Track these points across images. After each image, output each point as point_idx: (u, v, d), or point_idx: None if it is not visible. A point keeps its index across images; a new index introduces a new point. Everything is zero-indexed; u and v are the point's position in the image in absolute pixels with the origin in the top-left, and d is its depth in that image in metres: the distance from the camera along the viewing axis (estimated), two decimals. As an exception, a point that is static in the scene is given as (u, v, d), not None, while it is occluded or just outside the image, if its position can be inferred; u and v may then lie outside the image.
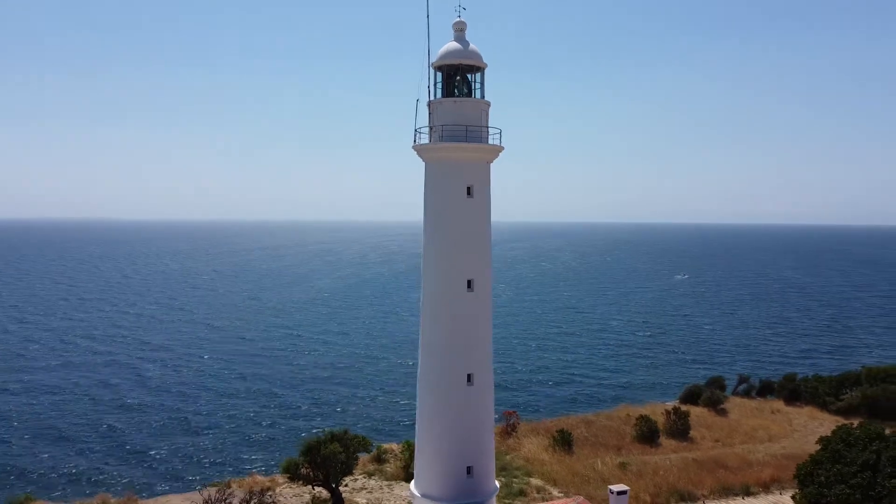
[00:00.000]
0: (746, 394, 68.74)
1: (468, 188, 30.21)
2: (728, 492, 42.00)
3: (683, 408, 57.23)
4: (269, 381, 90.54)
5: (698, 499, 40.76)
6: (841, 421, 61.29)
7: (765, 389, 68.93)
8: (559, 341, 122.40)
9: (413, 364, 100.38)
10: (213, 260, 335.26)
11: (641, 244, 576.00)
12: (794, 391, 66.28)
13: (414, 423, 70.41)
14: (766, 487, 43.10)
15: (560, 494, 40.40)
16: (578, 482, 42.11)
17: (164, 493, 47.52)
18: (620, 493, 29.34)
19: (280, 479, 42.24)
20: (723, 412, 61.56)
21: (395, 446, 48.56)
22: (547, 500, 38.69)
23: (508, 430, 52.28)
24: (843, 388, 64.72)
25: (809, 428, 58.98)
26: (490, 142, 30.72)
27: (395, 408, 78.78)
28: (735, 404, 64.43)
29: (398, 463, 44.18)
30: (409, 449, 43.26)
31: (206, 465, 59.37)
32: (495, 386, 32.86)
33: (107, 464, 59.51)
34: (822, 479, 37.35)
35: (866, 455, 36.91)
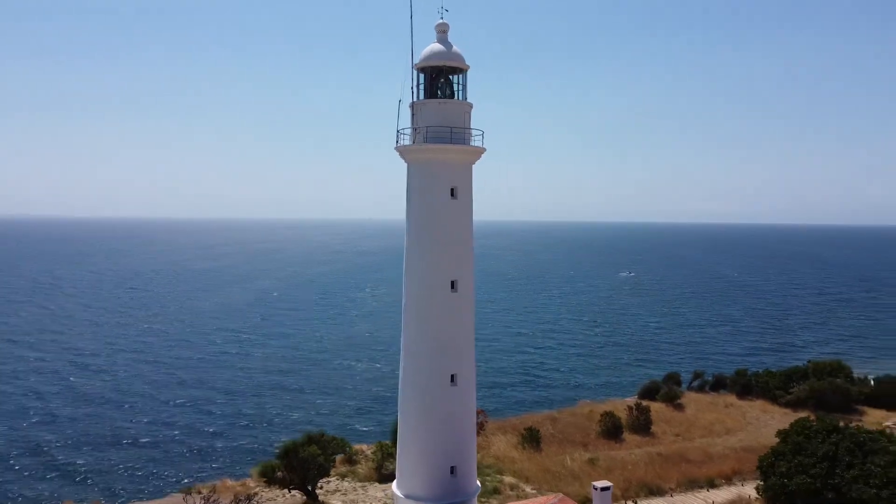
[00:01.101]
0: (701, 389, 70.91)
1: (452, 189, 30.35)
2: (693, 485, 43.33)
3: (644, 403, 58.65)
4: (213, 385, 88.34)
5: (666, 492, 41.93)
6: (791, 413, 64.06)
7: (718, 384, 71.22)
8: (512, 342, 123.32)
9: (364, 364, 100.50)
10: (152, 259, 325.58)
11: (588, 242, 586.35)
12: (745, 386, 68.74)
13: (381, 424, 70.41)
14: (729, 479, 44.62)
15: (533, 491, 40.96)
16: (550, 479, 42.78)
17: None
18: (604, 489, 29.98)
19: (251, 482, 41.59)
20: (680, 407, 63.39)
21: (364, 447, 48.33)
22: (521, 498, 39.12)
23: (476, 428, 52.52)
24: (791, 382, 67.41)
25: (762, 421, 61.30)
26: (472, 143, 30.92)
27: (355, 409, 78.37)
28: (691, 399, 66.39)
29: (370, 464, 43.99)
30: (382, 450, 43.25)
31: (154, 475, 57.44)
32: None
33: (38, 480, 56.45)
34: (784, 470, 38.94)
35: (825, 447, 38.66)
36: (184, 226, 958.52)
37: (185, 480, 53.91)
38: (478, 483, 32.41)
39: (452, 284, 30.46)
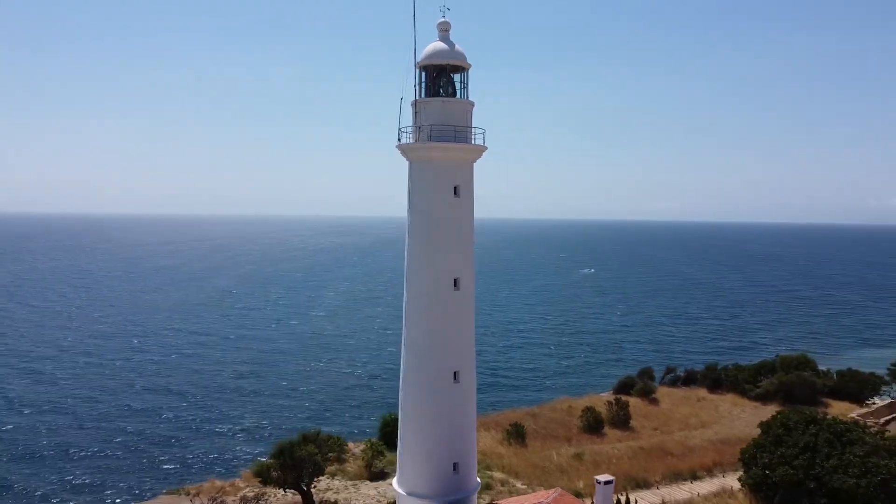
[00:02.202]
0: (673, 383, 72.52)
1: (455, 188, 30.48)
2: (677, 477, 44.38)
3: (623, 399, 59.73)
4: (174, 387, 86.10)
5: (652, 485, 42.85)
6: (760, 406, 66.09)
7: (689, 379, 72.90)
8: (478, 341, 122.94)
9: (333, 365, 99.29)
10: (105, 256, 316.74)
11: (550, 239, 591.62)
12: (716, 380, 70.53)
13: (357, 423, 69.87)
14: (710, 472, 45.83)
15: (524, 487, 41.41)
16: (540, 474, 43.32)
17: None
18: (607, 482, 30.51)
19: (240, 482, 41.17)
20: (655, 401, 64.73)
21: (351, 445, 48.17)
22: (513, 493, 39.55)
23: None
24: (760, 376, 69.47)
25: (734, 414, 63.03)
26: (474, 142, 31.09)
27: (328, 408, 77.77)
28: (665, 394, 67.85)
29: (359, 462, 43.88)
30: (373, 448, 43.16)
31: (130, 480, 56.15)
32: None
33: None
34: (766, 461, 40.17)
35: (806, 438, 40.00)
36: (136, 222, 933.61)
37: (167, 483, 52.90)
38: (478, 479, 32.70)
39: (455, 282, 30.61)
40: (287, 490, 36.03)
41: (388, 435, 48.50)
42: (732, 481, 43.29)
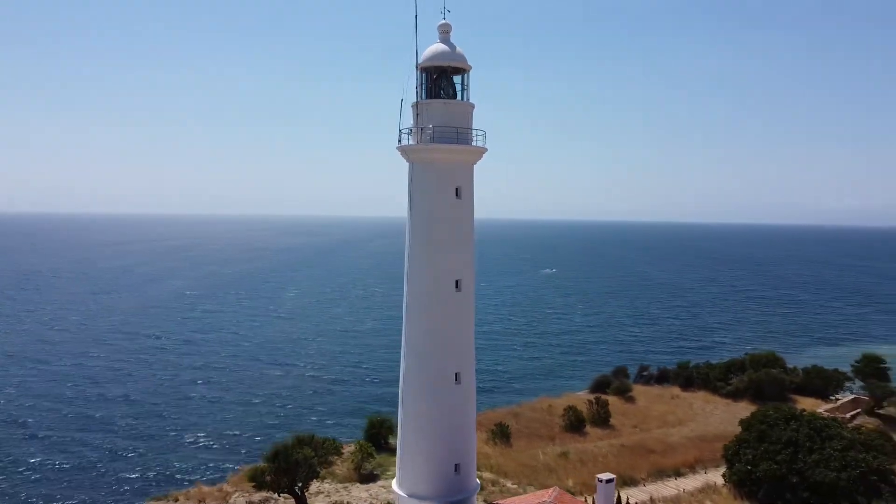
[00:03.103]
0: (647, 382, 73.76)
1: (457, 189, 30.57)
2: (662, 474, 45.23)
3: (603, 398, 60.57)
4: (136, 392, 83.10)
5: (639, 482, 43.58)
6: (731, 403, 67.69)
7: (662, 377, 74.26)
8: None
9: (300, 368, 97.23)
10: (54, 257, 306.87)
11: (508, 239, 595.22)
12: (688, 378, 72.01)
13: (328, 423, 68.72)
14: (692, 468, 46.80)
15: (514, 486, 41.70)
16: (529, 473, 43.67)
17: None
18: (608, 480, 30.95)
19: (227, 487, 40.57)
20: (631, 400, 65.78)
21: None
22: (504, 493, 39.80)
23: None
24: (730, 374, 71.16)
25: (707, 411, 64.42)
26: (474, 143, 31.21)
27: (300, 411, 76.57)
28: (639, 392, 68.99)
29: (347, 464, 43.59)
30: (362, 450, 42.95)
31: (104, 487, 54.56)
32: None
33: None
34: (750, 457, 41.28)
35: (787, 434, 41.22)
36: (87, 222, 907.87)
37: (140, 494, 51.47)
38: (477, 480, 32.83)
39: (457, 283, 30.70)
40: (281, 494, 35.59)
41: (373, 437, 48.45)
42: (715, 477, 44.33)
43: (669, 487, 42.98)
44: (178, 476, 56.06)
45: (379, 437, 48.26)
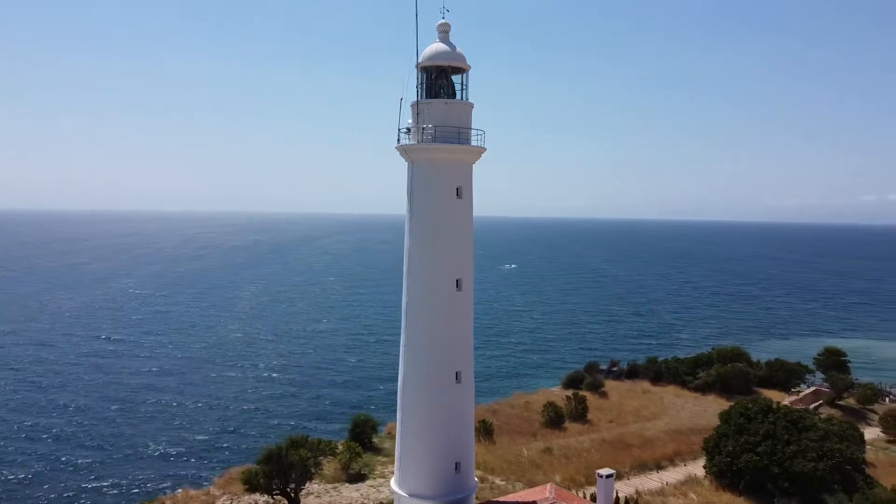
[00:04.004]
0: (617, 377, 75.02)
1: (457, 189, 30.64)
2: (644, 467, 46.17)
3: (581, 393, 61.44)
4: (86, 395, 79.40)
5: (623, 476, 44.33)
6: (700, 397, 69.46)
7: (632, 372, 75.63)
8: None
9: (253, 367, 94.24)
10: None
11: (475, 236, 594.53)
12: (658, 372, 73.54)
13: (304, 426, 67.21)
14: (672, 461, 47.88)
15: (503, 483, 42.05)
16: (516, 469, 44.08)
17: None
18: (608, 476, 31.44)
19: (214, 490, 39.91)
20: (605, 395, 66.90)
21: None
22: (494, 490, 40.11)
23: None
24: (698, 368, 72.98)
25: (678, 405, 65.94)
26: (473, 143, 31.30)
27: (270, 412, 74.93)
28: (611, 387, 70.17)
29: (335, 465, 43.28)
30: (350, 450, 42.71)
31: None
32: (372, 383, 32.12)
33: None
34: (731, 449, 42.46)
35: (766, 426, 42.55)
36: (29, 219, 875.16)
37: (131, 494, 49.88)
38: (475, 479, 33.02)
39: (458, 283, 30.79)
40: (274, 496, 35.17)
41: (358, 436, 48.22)
42: (695, 469, 45.48)
43: (653, 480, 43.92)
44: (141, 488, 53.28)
45: (363, 436, 48.05)
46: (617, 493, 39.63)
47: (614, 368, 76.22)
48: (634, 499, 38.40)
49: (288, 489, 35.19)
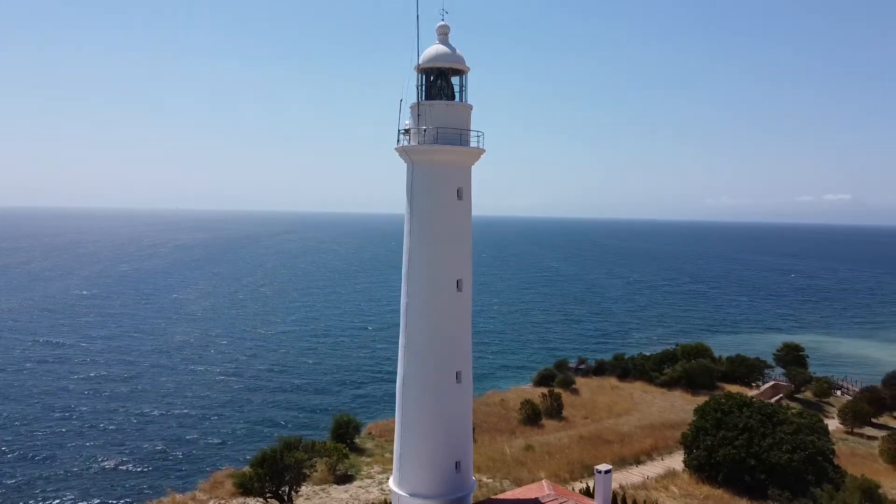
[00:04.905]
0: (585, 374, 76.43)
1: (458, 190, 30.87)
2: (624, 462, 47.23)
3: (556, 391, 62.37)
4: (29, 404, 74.18)
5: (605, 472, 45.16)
6: (667, 392, 71.31)
7: (600, 369, 77.16)
8: (364, 338, 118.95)
9: (207, 370, 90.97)
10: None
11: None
12: (625, 369, 75.21)
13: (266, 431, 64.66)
14: (650, 455, 49.10)
15: (489, 480, 42.45)
16: (501, 467, 44.52)
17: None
18: (606, 471, 32.09)
19: (200, 494, 39.21)
20: (576, 391, 68.13)
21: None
22: (482, 488, 40.46)
23: (406, 423, 53.03)
24: (664, 364, 74.93)
25: (647, 400, 67.62)
26: (477, 144, 31.56)
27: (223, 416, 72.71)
28: (581, 383, 71.51)
29: (322, 466, 42.93)
30: (337, 451, 42.49)
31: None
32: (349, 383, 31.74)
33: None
34: (709, 443, 43.78)
35: (742, 420, 44.01)
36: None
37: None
38: (474, 478, 33.30)
39: (458, 284, 31.02)
40: (266, 499, 34.75)
41: (340, 437, 47.97)
42: (673, 463, 46.77)
43: (634, 475, 44.96)
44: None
45: (346, 437, 47.82)
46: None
47: (582, 366, 77.58)
48: (621, 494, 39.25)
49: (280, 492, 34.78)
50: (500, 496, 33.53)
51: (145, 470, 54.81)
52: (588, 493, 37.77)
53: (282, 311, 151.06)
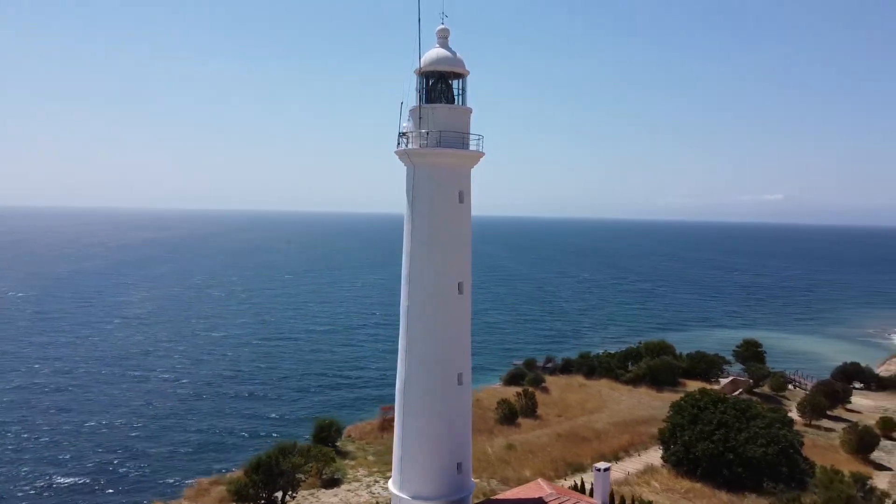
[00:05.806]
0: (552, 372, 77.54)
1: (460, 193, 31.09)
2: (604, 459, 47.97)
3: (530, 389, 63.09)
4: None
5: (587, 468, 46.06)
6: (633, 389, 72.91)
7: (566, 367, 78.39)
8: (321, 340, 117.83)
9: (156, 377, 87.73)
10: None
11: (371, 233, 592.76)
12: (591, 367, 76.60)
13: (257, 435, 64.14)
14: (627, 451, 50.22)
15: (477, 480, 42.69)
16: (486, 467, 44.86)
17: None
18: (605, 469, 32.77)
19: (185, 502, 38.39)
20: (546, 390, 69.02)
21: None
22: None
23: (386, 424, 53.04)
24: (628, 361, 76.63)
25: (614, 398, 68.99)
26: (478, 147, 31.80)
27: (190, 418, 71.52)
28: (550, 382, 72.48)
29: (307, 470, 42.48)
30: (324, 455, 42.11)
31: None
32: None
33: None
34: (687, 438, 45.10)
35: (718, 415, 45.50)
36: None
37: None
38: (473, 479, 33.57)
39: (459, 286, 31.24)
40: (261, 505, 34.27)
41: (322, 440, 47.55)
42: (651, 459, 47.98)
43: (616, 471, 45.87)
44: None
45: (328, 440, 47.44)
46: (583, 483, 41.33)
47: (549, 364, 78.70)
48: (609, 491, 40.04)
49: (273, 497, 34.35)
50: (500, 496, 33.87)
51: (100, 485, 51.68)
52: (577, 489, 38.43)
53: (234, 313, 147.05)
